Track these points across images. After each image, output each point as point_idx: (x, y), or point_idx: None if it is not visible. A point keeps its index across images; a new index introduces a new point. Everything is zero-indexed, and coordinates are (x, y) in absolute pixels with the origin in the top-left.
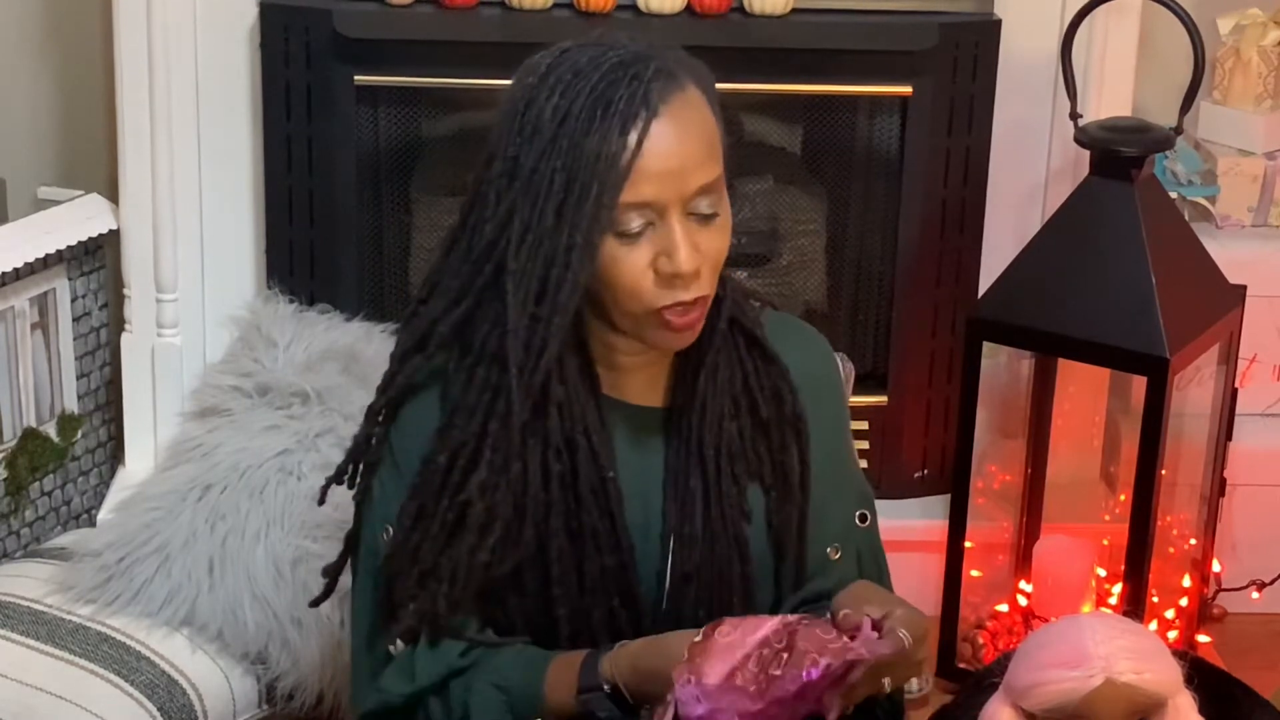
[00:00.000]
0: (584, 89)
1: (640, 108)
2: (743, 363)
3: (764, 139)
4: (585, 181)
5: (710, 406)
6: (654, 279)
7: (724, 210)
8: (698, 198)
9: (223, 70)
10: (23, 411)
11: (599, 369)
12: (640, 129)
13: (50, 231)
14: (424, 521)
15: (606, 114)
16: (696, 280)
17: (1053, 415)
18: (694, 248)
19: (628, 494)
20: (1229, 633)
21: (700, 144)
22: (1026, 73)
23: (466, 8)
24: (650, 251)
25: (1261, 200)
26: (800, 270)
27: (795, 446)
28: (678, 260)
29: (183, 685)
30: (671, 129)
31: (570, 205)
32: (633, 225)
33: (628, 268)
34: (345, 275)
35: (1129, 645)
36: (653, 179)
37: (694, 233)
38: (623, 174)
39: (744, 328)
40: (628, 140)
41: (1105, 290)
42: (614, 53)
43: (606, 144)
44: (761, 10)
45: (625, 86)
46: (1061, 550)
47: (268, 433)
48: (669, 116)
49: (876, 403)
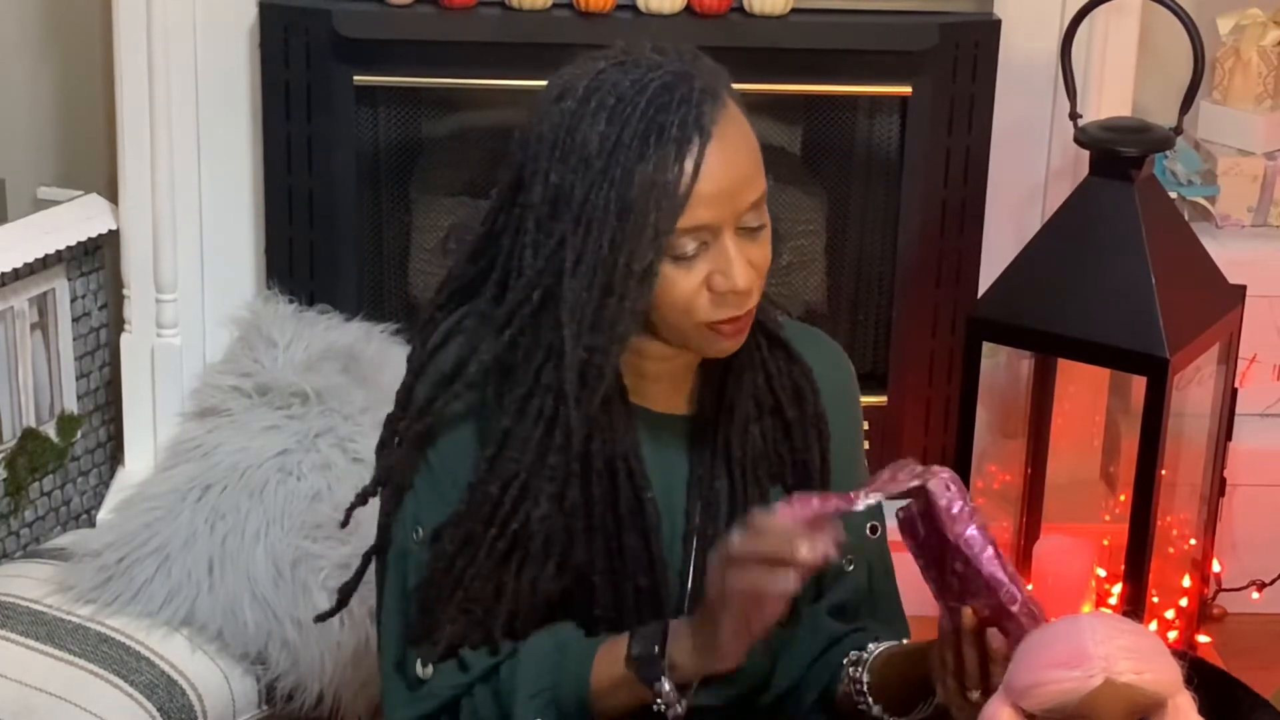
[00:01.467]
0: (633, 116)
1: (694, 133)
2: (765, 364)
3: (764, 139)
4: (641, 210)
5: (738, 412)
6: (709, 296)
7: (767, 219)
8: (750, 213)
9: (222, 70)
10: (22, 411)
11: (627, 377)
12: (696, 155)
13: (50, 231)
14: (470, 549)
15: (660, 141)
16: (749, 294)
17: (1053, 415)
18: (747, 264)
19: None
20: (1229, 633)
21: (750, 160)
22: (1026, 73)
23: (466, 8)
24: (704, 270)
25: (1261, 200)
26: (800, 270)
27: (818, 445)
28: (734, 279)
29: (182, 685)
30: (724, 151)
31: (626, 234)
32: (688, 249)
33: (683, 289)
34: (345, 275)
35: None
36: (709, 203)
37: (745, 248)
38: (681, 201)
39: (767, 330)
40: (684, 167)
41: (1105, 290)
42: (655, 74)
43: (662, 172)
44: (761, 10)
45: (675, 111)
46: (1061, 550)
47: (267, 433)
48: (720, 138)
49: (876, 403)
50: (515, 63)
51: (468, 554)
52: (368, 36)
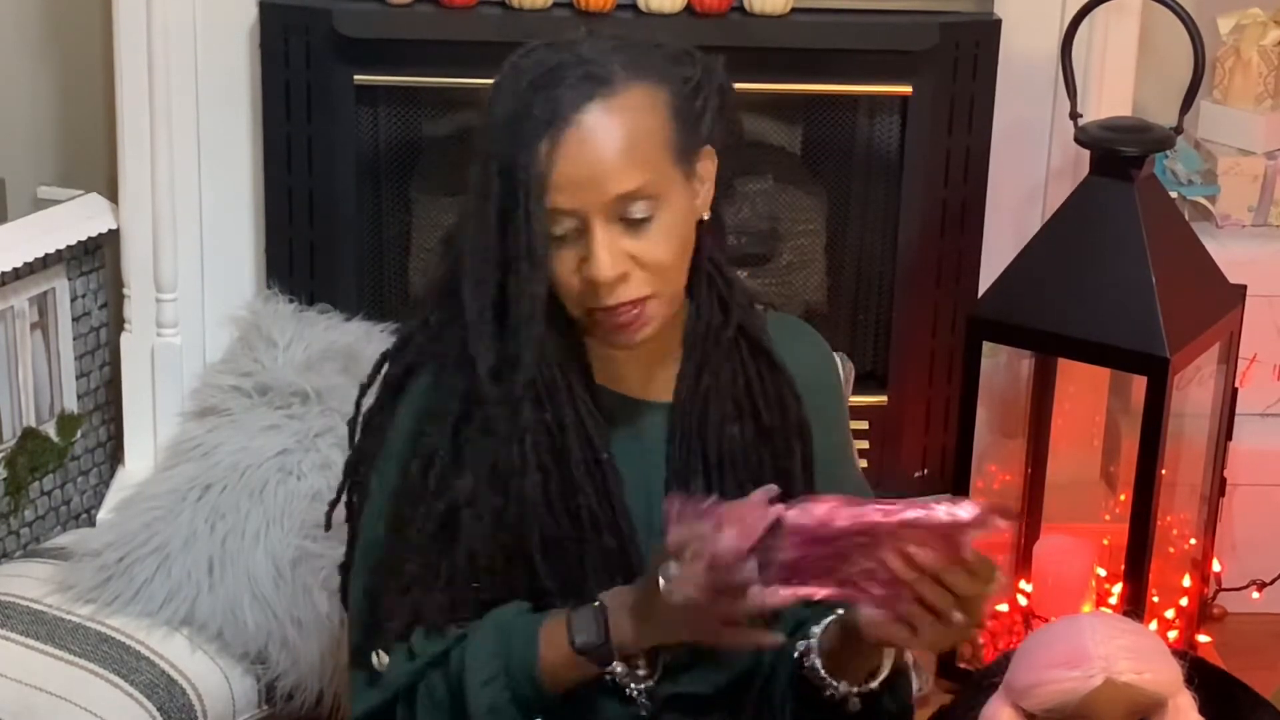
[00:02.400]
0: (515, 95)
1: (551, 116)
2: (745, 367)
3: (764, 139)
4: (513, 188)
5: (713, 408)
6: (579, 283)
7: (667, 215)
8: (623, 204)
9: (223, 70)
10: (22, 411)
11: (594, 357)
12: (550, 138)
13: (50, 231)
14: (404, 529)
15: (525, 122)
16: (622, 285)
17: (1053, 415)
18: (618, 254)
19: (630, 484)
20: (1229, 633)
21: (619, 151)
22: (1026, 72)
23: (466, 7)
24: (576, 256)
25: (1261, 200)
26: (800, 270)
27: (799, 453)
28: (593, 267)
29: (182, 685)
30: (584, 137)
31: (510, 211)
32: (557, 230)
33: (558, 270)
34: (345, 275)
35: (1129, 645)
36: (565, 188)
37: (622, 239)
38: (539, 183)
39: (751, 336)
40: (539, 149)
41: (1105, 290)
42: (555, 57)
43: (523, 152)
44: (761, 10)
45: (543, 93)
46: (1061, 550)
47: (267, 432)
48: (582, 125)
49: (876, 403)
50: None
51: (402, 536)
52: (368, 36)
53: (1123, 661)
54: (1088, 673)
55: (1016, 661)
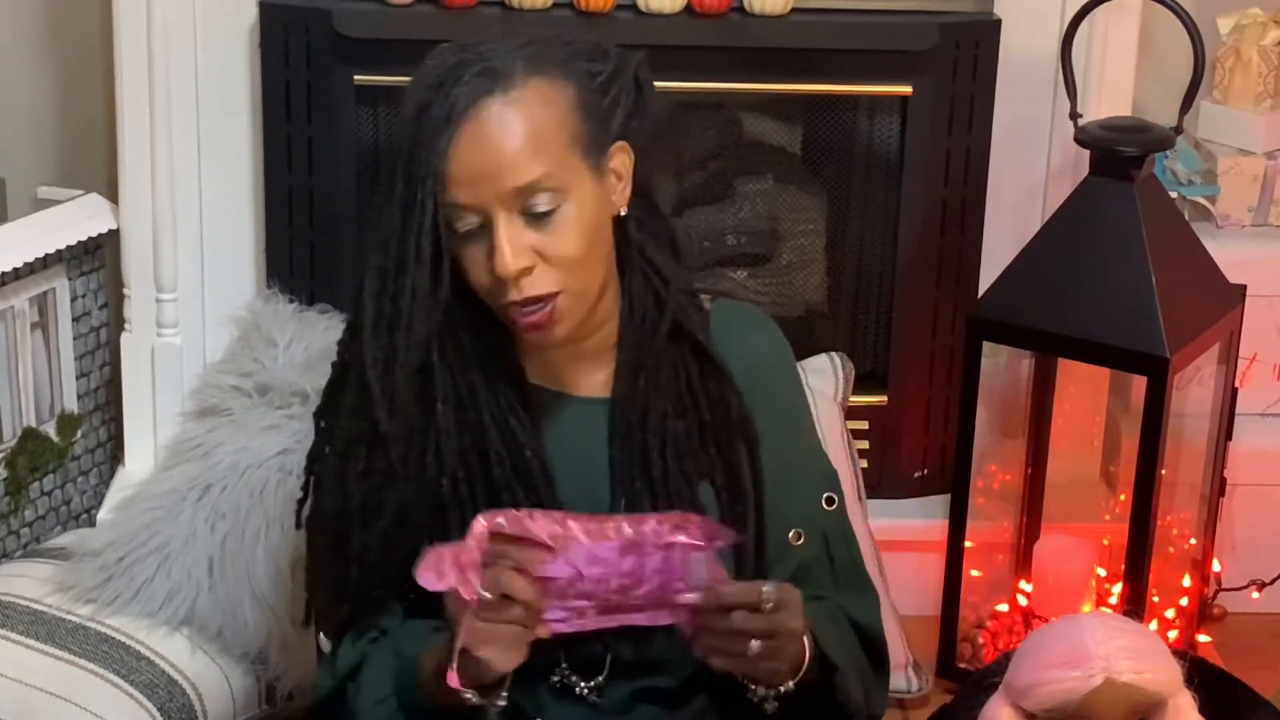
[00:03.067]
0: (419, 93)
1: (448, 112)
2: (686, 365)
3: (764, 139)
4: (413, 186)
5: (652, 405)
6: (489, 278)
7: (573, 208)
8: (523, 197)
9: (223, 70)
10: (23, 411)
11: (529, 360)
12: (448, 134)
13: (50, 231)
14: (323, 524)
15: (425, 118)
16: (526, 278)
17: (1053, 415)
18: (520, 248)
19: (571, 487)
20: (1229, 633)
21: (516, 146)
22: (1026, 72)
23: (466, 8)
24: (483, 251)
25: (1261, 200)
26: (800, 270)
27: (744, 449)
28: (495, 261)
29: (183, 685)
30: (479, 132)
31: (410, 209)
32: (463, 225)
33: (469, 265)
34: (345, 275)
35: (1129, 645)
36: (464, 183)
37: (525, 233)
38: (437, 177)
39: (687, 332)
40: (437, 145)
41: (1105, 290)
42: (455, 56)
43: (422, 149)
44: (761, 10)
45: (440, 91)
46: (1061, 550)
47: (268, 433)
48: (479, 120)
49: (876, 403)
50: None
51: (323, 530)
52: (368, 36)
53: (1123, 661)
54: (1088, 673)
55: (1016, 661)
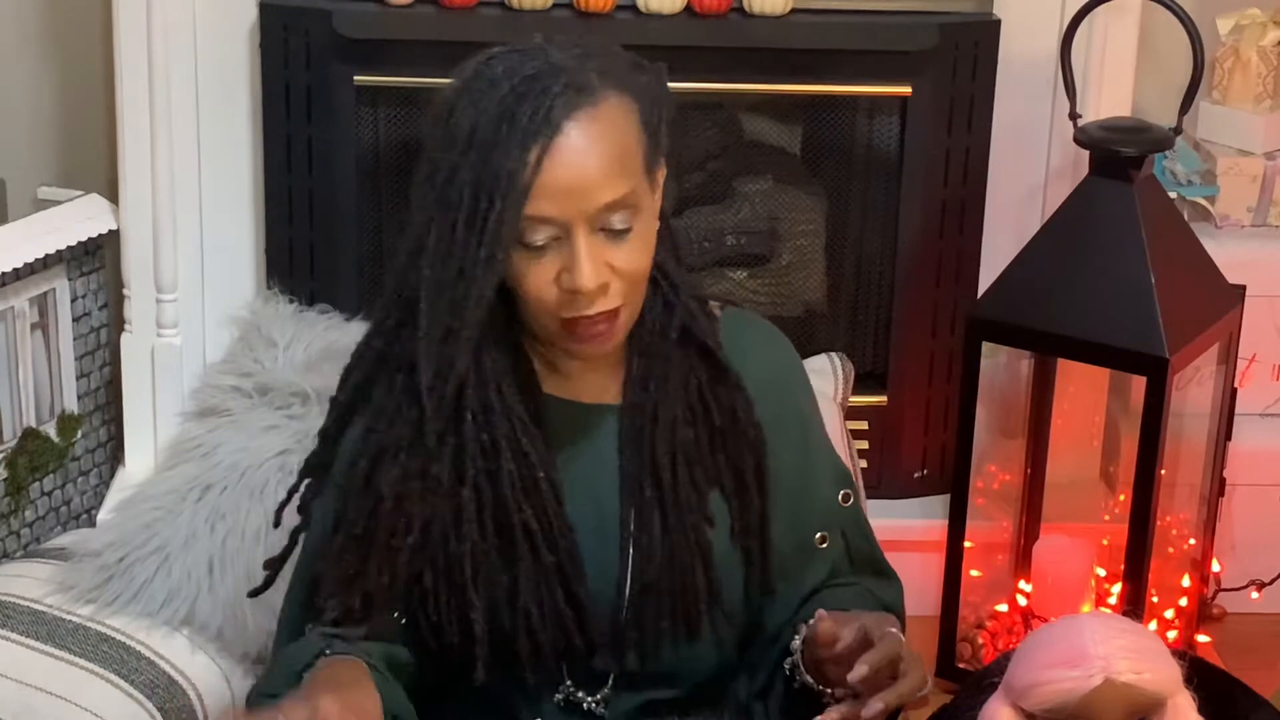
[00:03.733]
0: (494, 101)
1: (542, 124)
2: (696, 372)
3: (764, 139)
4: (490, 196)
5: (662, 413)
6: (557, 293)
7: (642, 225)
8: (606, 214)
9: (223, 70)
10: (23, 411)
11: (541, 368)
12: (540, 146)
13: (50, 231)
14: (346, 524)
15: (511, 129)
16: (602, 296)
17: (1053, 415)
18: (599, 264)
19: (580, 495)
20: (1229, 633)
21: (607, 161)
22: (1026, 73)
23: (466, 8)
24: (555, 265)
25: (1261, 200)
26: (800, 270)
27: (752, 456)
28: (576, 277)
29: (183, 685)
30: (573, 146)
31: (478, 219)
32: (537, 239)
33: (533, 280)
34: (345, 275)
35: (1129, 645)
36: (553, 196)
37: (601, 248)
38: (523, 191)
39: (696, 339)
40: (528, 157)
41: (1105, 290)
42: (531, 64)
43: (508, 160)
44: (761, 10)
45: (530, 101)
46: (1061, 550)
47: (268, 433)
48: (571, 133)
49: (876, 403)
50: None
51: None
52: (368, 36)
53: (1122, 661)
54: (1087, 673)
55: (1016, 661)
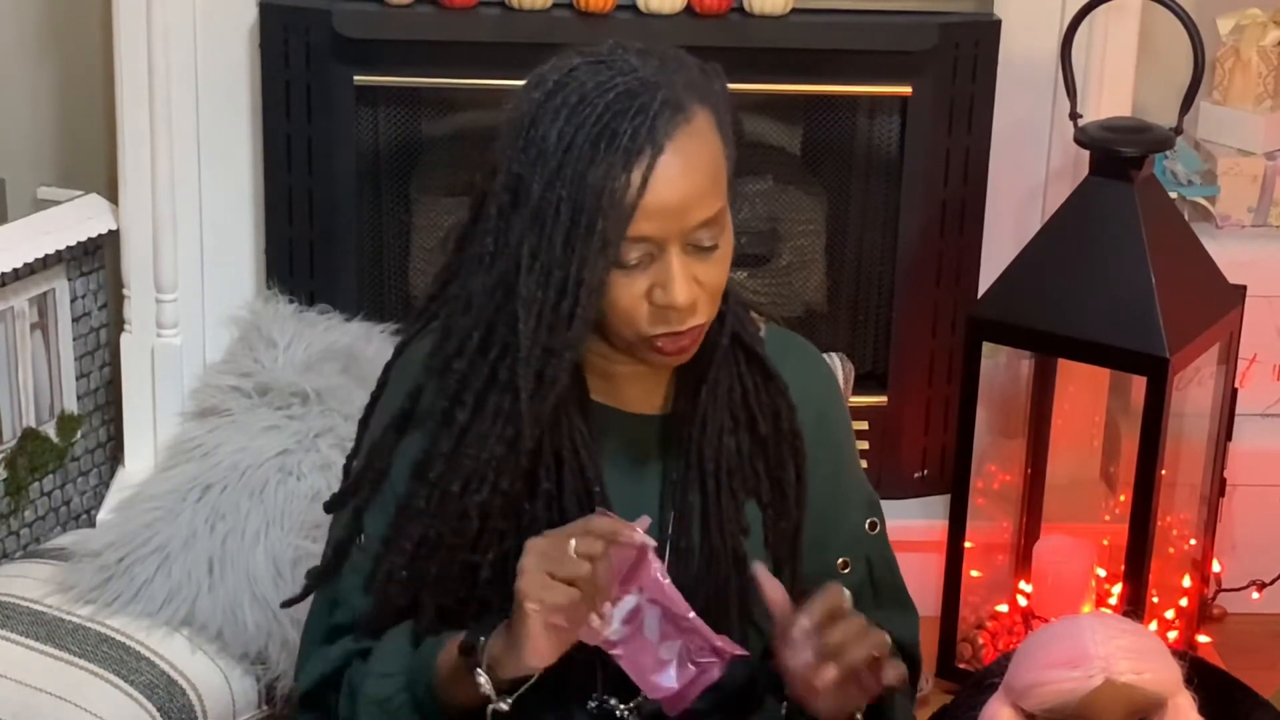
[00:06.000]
0: (589, 117)
1: (645, 144)
2: (742, 378)
3: (764, 139)
4: (590, 215)
5: (711, 420)
6: (648, 309)
7: (725, 240)
8: (699, 232)
9: (223, 70)
10: (22, 411)
11: (591, 376)
12: (645, 166)
13: (50, 231)
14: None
15: (611, 148)
16: (692, 313)
17: (1053, 415)
18: (691, 281)
19: (622, 503)
20: (1229, 633)
21: (704, 179)
22: (1026, 73)
23: (466, 8)
24: (647, 282)
25: (1261, 200)
26: (800, 270)
27: (792, 463)
28: (673, 295)
29: (183, 685)
30: (676, 166)
31: (578, 237)
32: (631, 258)
33: (624, 297)
34: (345, 275)
35: (1129, 645)
36: (655, 216)
37: (692, 265)
38: (627, 211)
39: (745, 344)
40: (631, 177)
41: (1105, 290)
42: (622, 79)
43: (610, 179)
44: (761, 10)
45: (630, 119)
46: (1061, 550)
47: (268, 433)
48: (674, 152)
49: (876, 403)
50: (515, 63)
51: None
52: (368, 36)
53: (1123, 661)
54: (1088, 673)
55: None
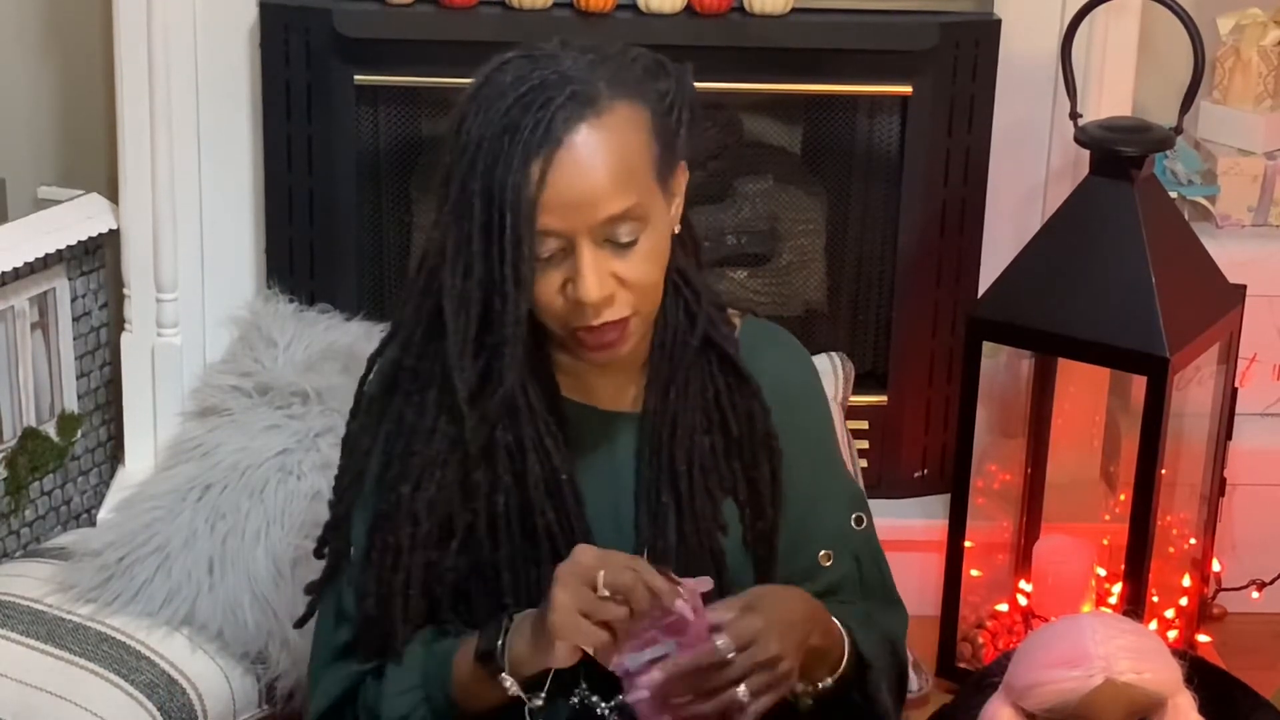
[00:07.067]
0: (499, 111)
1: (543, 138)
2: (714, 379)
3: (764, 139)
4: (500, 210)
5: (681, 420)
6: (564, 303)
7: (651, 235)
8: (611, 226)
9: (223, 70)
10: (23, 411)
11: (560, 373)
12: (542, 160)
13: (50, 231)
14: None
15: (512, 142)
16: (608, 306)
17: (1053, 415)
18: (604, 276)
19: (597, 501)
20: (1229, 633)
21: (609, 173)
22: (1026, 72)
23: (466, 7)
24: (561, 276)
25: (1261, 200)
26: (800, 270)
27: (767, 464)
28: (581, 289)
29: (183, 685)
30: (575, 160)
31: (492, 231)
32: (544, 251)
33: (542, 291)
34: (345, 275)
35: (1129, 645)
36: (556, 210)
37: (607, 260)
38: (529, 205)
39: (716, 345)
40: (530, 172)
41: (1105, 290)
42: (540, 73)
43: (512, 174)
44: (761, 10)
45: (533, 114)
46: (1061, 550)
47: (268, 432)
48: (575, 146)
49: (876, 403)
50: None
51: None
52: (368, 36)
53: (1123, 661)
54: (1088, 673)
55: (1016, 661)
